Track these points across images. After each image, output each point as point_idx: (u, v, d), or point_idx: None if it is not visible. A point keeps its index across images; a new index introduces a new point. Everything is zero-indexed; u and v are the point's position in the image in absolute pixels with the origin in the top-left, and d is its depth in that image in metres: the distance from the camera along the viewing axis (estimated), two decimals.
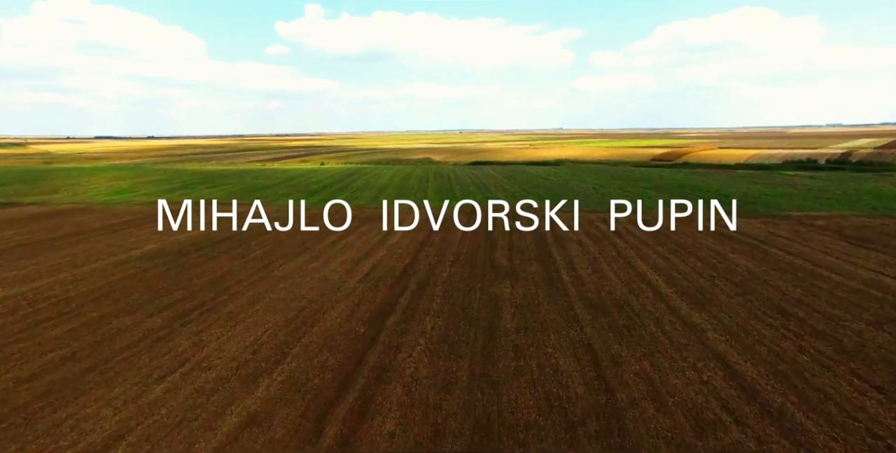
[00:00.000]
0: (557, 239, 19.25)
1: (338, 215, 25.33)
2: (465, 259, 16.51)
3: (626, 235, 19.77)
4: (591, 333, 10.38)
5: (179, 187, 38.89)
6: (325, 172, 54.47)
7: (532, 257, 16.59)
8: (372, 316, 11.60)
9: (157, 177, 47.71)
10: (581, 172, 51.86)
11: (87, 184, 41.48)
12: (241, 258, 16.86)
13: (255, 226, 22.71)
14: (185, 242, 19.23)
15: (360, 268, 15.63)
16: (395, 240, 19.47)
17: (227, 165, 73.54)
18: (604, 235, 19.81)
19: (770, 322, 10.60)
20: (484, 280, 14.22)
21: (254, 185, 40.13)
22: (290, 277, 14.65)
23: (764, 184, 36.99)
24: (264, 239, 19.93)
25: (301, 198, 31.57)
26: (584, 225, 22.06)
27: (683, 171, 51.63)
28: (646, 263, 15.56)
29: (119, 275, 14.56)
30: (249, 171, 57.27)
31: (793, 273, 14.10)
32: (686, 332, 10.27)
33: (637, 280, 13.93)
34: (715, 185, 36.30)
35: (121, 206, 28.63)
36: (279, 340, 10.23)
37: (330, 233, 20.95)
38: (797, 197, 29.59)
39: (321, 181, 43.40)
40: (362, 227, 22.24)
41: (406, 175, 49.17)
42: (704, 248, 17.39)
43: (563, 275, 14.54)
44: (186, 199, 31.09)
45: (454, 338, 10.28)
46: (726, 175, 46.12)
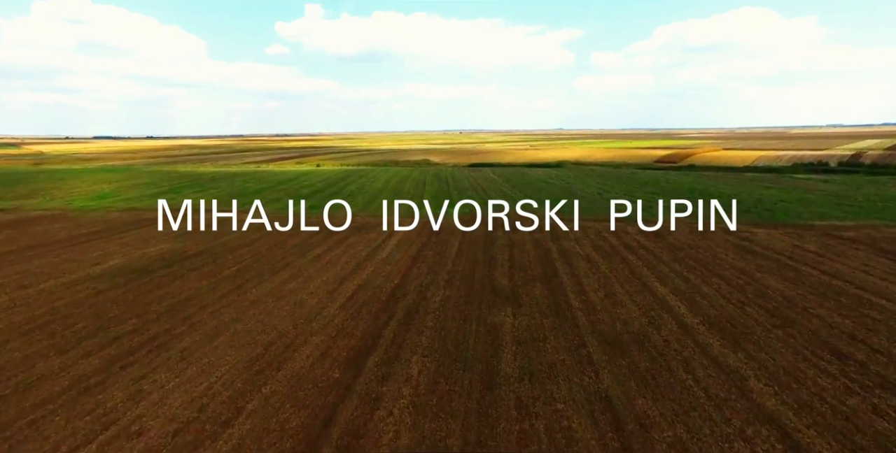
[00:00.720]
0: (563, 254, 17.52)
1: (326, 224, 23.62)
2: (461, 278, 14.79)
3: (638, 249, 18.05)
4: (608, 381, 8.66)
5: (165, 191, 37.17)
6: (319, 175, 52.74)
7: (535, 276, 14.87)
8: (350, 354, 9.89)
9: (144, 180, 45.99)
10: (584, 175, 50.13)
11: (68, 187, 39.74)
12: (211, 277, 15.14)
13: (235, 237, 21.00)
14: (154, 257, 17.51)
15: (343, 289, 13.92)
16: (385, 254, 17.75)
17: (220, 167, 71.80)
18: (613, 249, 18.08)
19: (824, 367, 8.87)
20: (482, 305, 12.50)
21: (243, 189, 38.40)
22: (262, 301, 12.94)
23: (777, 189, 35.25)
24: (242, 253, 18.21)
25: (290, 204, 29.85)
26: (591, 236, 20.33)
27: (690, 174, 49.90)
28: (663, 285, 13.84)
29: (66, 300, 12.84)
30: (242, 174, 55.55)
31: (835, 298, 12.37)
32: (723, 381, 8.55)
33: (656, 306, 12.21)
34: (726, 190, 34.56)
35: (96, 213, 26.90)
36: (235, 389, 8.52)
37: (315, 245, 19.25)
38: (816, 203, 27.86)
39: (314, 185, 41.68)
40: (351, 238, 20.52)
41: (403, 178, 47.45)
42: (726, 265, 15.66)
43: (572, 299, 12.82)
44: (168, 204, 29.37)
45: (445, 388, 8.57)
46: (735, 178, 44.39)
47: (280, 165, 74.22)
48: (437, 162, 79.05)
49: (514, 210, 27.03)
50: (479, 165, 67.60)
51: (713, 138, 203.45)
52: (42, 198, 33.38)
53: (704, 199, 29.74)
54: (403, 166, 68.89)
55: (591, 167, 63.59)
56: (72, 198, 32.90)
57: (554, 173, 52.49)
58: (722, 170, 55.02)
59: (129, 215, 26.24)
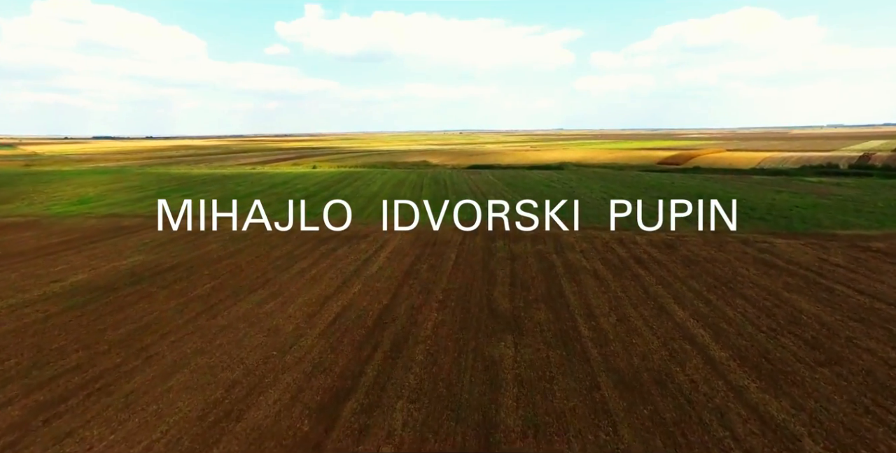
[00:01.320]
0: (568, 268, 16.06)
1: (314, 232, 22.16)
2: (457, 298, 13.34)
3: (650, 263, 16.59)
4: (629, 439, 7.22)
5: (152, 195, 35.69)
6: (314, 177, 51.29)
7: (539, 296, 13.42)
8: (324, 398, 8.45)
9: (132, 183, 44.52)
10: (586, 178, 48.68)
11: (52, 190, 38.29)
12: (182, 296, 13.69)
13: (216, 247, 19.55)
14: (124, 271, 16.05)
15: (325, 312, 12.47)
16: (375, 269, 16.30)
17: (215, 168, 70.32)
18: (623, 263, 16.63)
19: (894, 423, 7.42)
20: (479, 333, 11.05)
21: (234, 193, 36.94)
22: (233, 327, 11.50)
23: (789, 193, 33.79)
24: (221, 266, 16.76)
25: (279, 210, 28.39)
26: (598, 247, 18.87)
27: (696, 177, 48.43)
28: (682, 307, 12.39)
29: (8, 326, 11.39)
30: (235, 176, 54.08)
31: (882, 326, 10.91)
32: (770, 440, 7.10)
33: (676, 335, 10.75)
34: (735, 195, 33.10)
35: (73, 220, 25.44)
36: (181, 451, 7.07)
37: (301, 257, 17.80)
38: (833, 209, 26.41)
39: (307, 188, 40.21)
40: (341, 249, 19.08)
41: (399, 181, 45.99)
42: (749, 283, 14.21)
43: (581, 326, 11.37)
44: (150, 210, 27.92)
45: (433, 446, 7.12)
46: (743, 182, 42.93)
47: (275, 167, 72.77)
48: (436, 163, 77.59)
49: (514, 218, 25.54)
50: (478, 167, 66.15)
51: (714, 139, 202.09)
52: (21, 202, 31.94)
53: (714, 205, 28.28)
54: (401, 168, 67.44)
55: (593, 169, 62.13)
56: (52, 203, 31.44)
57: (556, 176, 51.03)
58: (727, 172, 53.57)
59: (108, 222, 24.78)
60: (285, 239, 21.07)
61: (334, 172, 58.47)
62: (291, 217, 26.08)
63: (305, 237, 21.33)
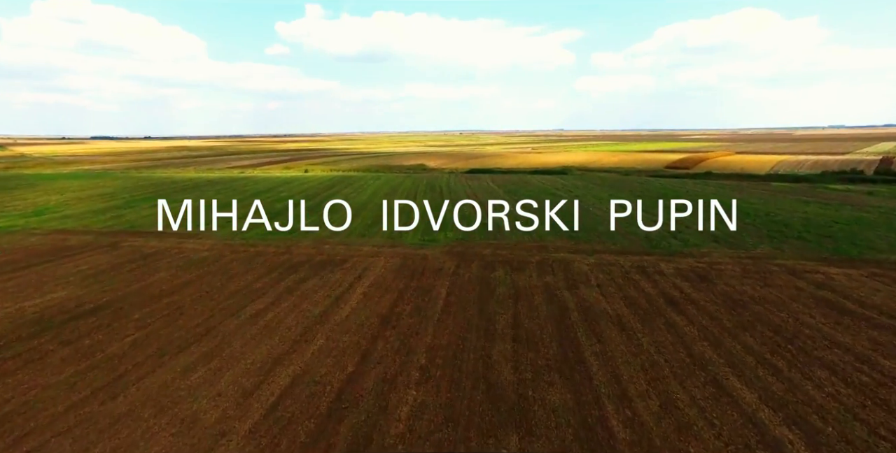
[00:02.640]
0: (585, 313, 12.92)
1: (284, 257, 19.04)
2: (445, 363, 10.21)
3: (684, 304, 13.45)
4: None
5: (119, 205, 32.55)
6: (302, 183, 48.18)
7: (551, 360, 10.28)
8: None
9: (105, 190, 41.37)
10: (593, 184, 45.55)
11: (11, 198, 35.14)
12: (86, 358, 10.55)
13: (163, 277, 16.42)
14: (29, 316, 12.90)
15: (268, 386, 9.35)
16: (346, 312, 13.16)
17: (202, 172, 67.22)
18: (651, 304, 13.48)
19: None
20: (471, 431, 7.92)
21: (209, 203, 33.80)
22: (133, 417, 8.37)
23: (819, 204, 30.65)
24: (158, 307, 13.62)
25: (252, 226, 25.26)
26: (618, 279, 15.73)
27: (710, 184, 45.24)
28: (746, 383, 9.24)
29: None
30: (220, 181, 50.98)
31: None
32: None
33: (752, 438, 7.61)
34: (760, 206, 29.96)
35: (10, 238, 22.29)
36: None
37: (259, 294, 14.67)
38: (881, 226, 23.25)
39: (292, 197, 37.07)
40: (310, 281, 15.96)
41: (393, 188, 42.86)
42: (822, 340, 11.06)
43: (610, 416, 8.23)
44: (106, 226, 24.79)
45: None
46: (763, 189, 39.77)
47: (266, 170, 69.69)
48: (434, 167, 74.45)
49: (518, 241, 22.42)
50: (477, 171, 62.99)
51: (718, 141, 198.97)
52: None
53: (742, 221, 25.14)
54: (397, 172, 64.32)
55: (598, 174, 58.98)
56: (2, 215, 28.30)
57: (560, 182, 47.89)
58: (742, 178, 50.44)
59: (50, 241, 21.63)
60: (249, 265, 17.93)
61: (326, 177, 55.32)
62: (266, 231, 22.97)
63: (273, 263, 18.19)
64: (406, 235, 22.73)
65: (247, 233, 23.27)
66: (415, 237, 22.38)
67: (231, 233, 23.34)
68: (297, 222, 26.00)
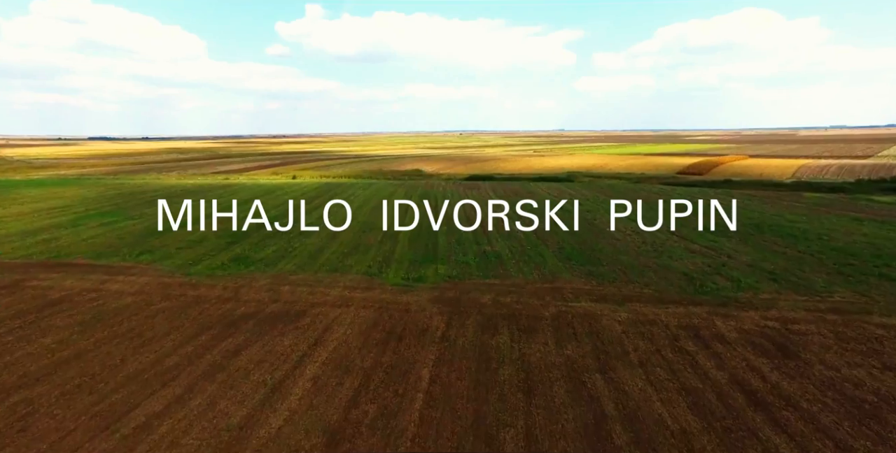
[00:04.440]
0: (631, 422, 8.65)
1: (227, 306, 14.79)
2: None
3: (776, 405, 9.18)
4: None
5: (63, 224, 28.25)
6: (286, 193, 43.95)
7: None
8: None
9: (60, 202, 37.06)
10: (603, 194, 41.29)
11: None
12: None
13: (42, 348, 12.16)
14: None
15: None
16: (274, 426, 8.89)
17: (183, 178, 63.00)
18: (727, 405, 9.21)
19: None
20: None
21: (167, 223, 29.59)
22: None
23: (874, 223, 26.34)
24: (57, 380, 9.36)
25: (205, 255, 21.04)
26: (667, 352, 11.46)
27: (732, 193, 40.92)
28: None
29: None
30: (197, 190, 46.71)
31: None
32: None
33: None
34: (806, 226, 25.69)
35: None
36: None
37: (166, 381, 10.42)
38: None
39: (267, 212, 32.82)
40: (248, 350, 11.75)
41: (381, 201, 38.62)
42: None
43: None
44: (21, 254, 20.53)
45: None
46: (797, 202, 35.45)
47: (252, 176, 65.43)
48: (431, 172, 70.17)
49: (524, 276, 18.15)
50: (477, 178, 58.70)
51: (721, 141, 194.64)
52: None
53: (789, 244, 20.90)
54: (390, 178, 60.04)
55: (607, 181, 54.68)
56: None
57: (567, 191, 43.62)
58: (766, 186, 46.13)
59: None
60: (176, 320, 13.69)
61: (312, 186, 51.05)
62: (212, 269, 18.74)
63: (209, 317, 13.94)
64: (388, 271, 18.47)
65: (194, 267, 19.02)
66: (398, 273, 18.12)
67: (175, 266, 19.10)
68: (256, 250, 21.77)
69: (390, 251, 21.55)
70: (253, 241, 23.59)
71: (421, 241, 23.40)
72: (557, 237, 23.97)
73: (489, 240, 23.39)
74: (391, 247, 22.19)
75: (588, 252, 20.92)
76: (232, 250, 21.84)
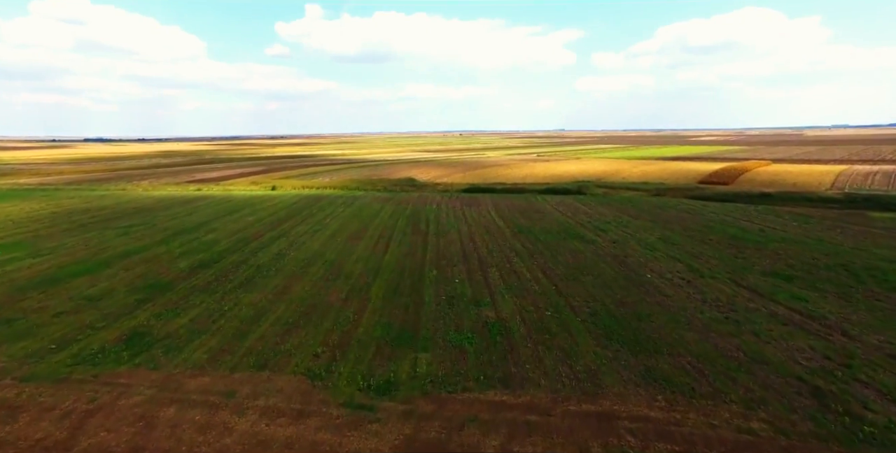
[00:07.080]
0: None
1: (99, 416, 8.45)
2: None
3: None
4: None
5: None
6: (250, 213, 37.65)
7: None
8: None
9: None
10: (625, 216, 34.97)
11: None
12: None
13: None
14: None
15: None
16: None
17: (151, 189, 56.59)
18: None
19: None
20: None
21: (86, 257, 23.36)
22: None
23: None
24: None
25: (82, 336, 14.72)
26: None
27: (776, 212, 34.52)
28: None
29: None
30: (156, 206, 40.39)
31: None
32: None
33: None
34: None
35: None
36: None
37: None
38: None
39: (218, 241, 26.49)
40: None
41: (363, 226, 32.31)
42: None
43: None
44: None
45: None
46: (864, 224, 29.02)
47: (227, 186, 58.99)
48: (425, 181, 63.78)
49: (550, 379, 11.80)
50: (477, 190, 52.31)
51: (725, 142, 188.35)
52: None
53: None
54: (380, 190, 53.66)
55: (624, 194, 48.31)
56: None
57: (582, 209, 37.25)
58: (813, 201, 39.71)
59: None
60: None
61: (288, 201, 44.68)
62: (73, 365, 12.37)
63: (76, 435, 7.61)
64: (341, 367, 12.12)
65: (46, 360, 12.66)
66: (355, 374, 11.77)
67: (21, 357, 12.75)
68: (170, 314, 15.43)
69: (354, 320, 15.22)
70: (173, 299, 17.27)
71: (400, 299, 17.10)
72: (584, 290, 17.67)
73: (492, 298, 17.07)
74: (357, 312, 15.86)
75: (633, 322, 14.62)
76: (134, 317, 15.53)
